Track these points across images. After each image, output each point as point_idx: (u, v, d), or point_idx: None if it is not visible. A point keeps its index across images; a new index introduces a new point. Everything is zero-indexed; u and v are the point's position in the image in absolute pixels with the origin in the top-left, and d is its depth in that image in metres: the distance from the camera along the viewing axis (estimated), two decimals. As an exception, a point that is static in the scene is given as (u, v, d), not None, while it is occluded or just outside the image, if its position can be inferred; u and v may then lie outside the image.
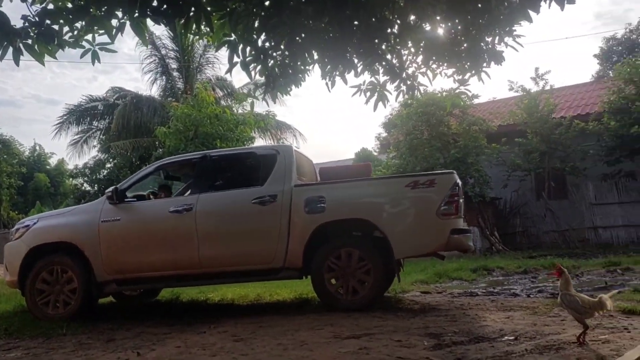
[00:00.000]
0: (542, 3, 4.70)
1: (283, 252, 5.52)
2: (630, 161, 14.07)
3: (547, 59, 67.43)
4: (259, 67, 5.62)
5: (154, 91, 21.95)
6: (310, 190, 5.72)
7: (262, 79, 5.84)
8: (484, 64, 6.02)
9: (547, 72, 18.24)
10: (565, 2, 4.32)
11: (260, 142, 17.66)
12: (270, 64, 5.79)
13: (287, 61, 5.85)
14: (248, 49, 5.31)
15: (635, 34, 28.98)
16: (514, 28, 5.65)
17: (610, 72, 20.14)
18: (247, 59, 5.28)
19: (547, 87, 16.03)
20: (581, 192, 14.64)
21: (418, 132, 15.14)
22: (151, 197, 6.56)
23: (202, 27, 4.53)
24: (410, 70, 6.30)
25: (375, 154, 23.44)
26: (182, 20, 4.35)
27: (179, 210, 5.73)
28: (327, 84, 5.95)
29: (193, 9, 4.22)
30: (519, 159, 15.11)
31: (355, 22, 5.37)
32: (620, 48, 28.61)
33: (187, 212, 5.70)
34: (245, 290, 7.34)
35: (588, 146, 14.55)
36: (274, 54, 5.65)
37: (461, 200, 5.60)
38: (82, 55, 4.46)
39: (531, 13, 5.08)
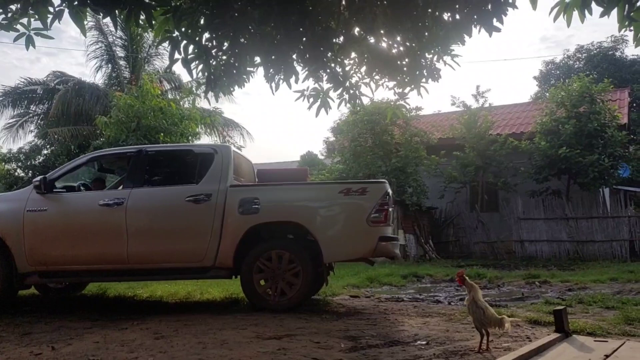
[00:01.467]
0: (473, 28, 4.98)
1: (214, 251, 5.55)
2: (557, 180, 14.99)
3: (493, 76, 70.35)
4: (201, 66, 5.62)
5: (99, 79, 21.20)
6: (246, 191, 5.77)
7: (204, 77, 5.85)
8: (423, 80, 6.29)
9: (488, 90, 19.21)
10: (493, 30, 4.60)
11: (205, 138, 17.46)
12: (213, 63, 5.80)
13: (231, 61, 5.89)
14: (191, 46, 5.29)
15: (572, 60, 30.82)
16: (452, 48, 5.95)
17: (546, 94, 21.34)
18: (189, 57, 5.26)
19: (487, 105, 16.82)
20: (511, 206, 15.42)
21: (362, 139, 15.49)
22: (82, 188, 6.40)
23: (143, 21, 4.50)
24: (353, 80, 6.48)
25: (322, 157, 23.73)
26: (124, 13, 4.30)
27: (109, 204, 5.64)
28: (270, 86, 6.03)
29: (134, 2, 4.19)
30: (455, 171, 15.75)
31: (301, 29, 5.47)
32: (558, 72, 30.35)
33: (118, 207, 5.61)
34: (176, 288, 7.28)
35: (520, 163, 15.37)
36: (218, 53, 5.68)
37: (391, 209, 5.82)
38: (15, 39, 4.32)
39: (465, 36, 5.37)
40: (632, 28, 4.23)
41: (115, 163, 6.83)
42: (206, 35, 5.31)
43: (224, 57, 5.84)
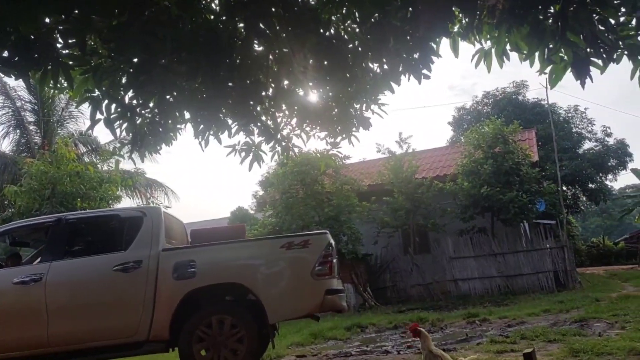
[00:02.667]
0: (403, 77, 5.12)
1: (147, 323, 5.09)
2: (482, 218, 15.61)
3: (411, 124, 74.11)
4: (125, 125, 5.33)
5: (5, 146, 19.85)
6: (180, 255, 5.41)
7: (129, 136, 5.55)
8: (354, 129, 6.36)
9: (410, 136, 20.01)
10: (422, 77, 4.74)
11: (127, 201, 16.63)
12: (138, 122, 5.53)
13: (157, 119, 5.64)
14: (114, 105, 5.02)
15: (481, 105, 33.09)
16: (379, 97, 6.09)
17: (462, 138, 22.59)
18: (112, 116, 4.98)
19: (410, 150, 17.42)
20: (442, 246, 15.79)
21: (294, 190, 15.40)
22: (-8, 266, 5.73)
23: (61, 81, 4.20)
24: (285, 132, 6.43)
25: (252, 212, 23.32)
26: (38, 74, 3.99)
27: (25, 281, 5.05)
28: (200, 143, 5.82)
29: (50, 62, 3.90)
30: (387, 216, 15.99)
31: (230, 84, 5.37)
32: (469, 117, 32.36)
33: (35, 283, 5.04)
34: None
35: (446, 204, 15.89)
36: (143, 111, 5.43)
37: (335, 260, 5.67)
38: None
39: (393, 84, 5.51)
40: (546, 71, 4.52)
41: (31, 235, 6.20)
42: (130, 93, 5.07)
43: (150, 115, 5.60)
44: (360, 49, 5.35)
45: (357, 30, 5.28)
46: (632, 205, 28.16)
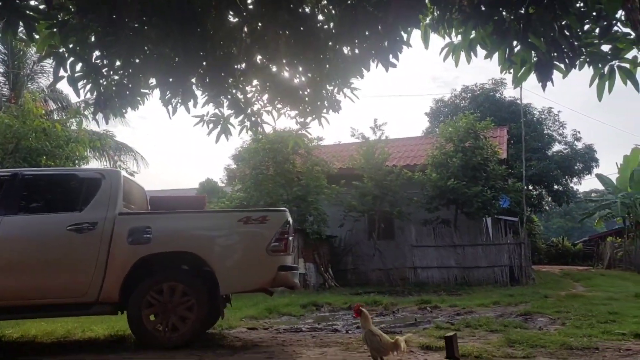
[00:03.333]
0: (372, 63, 5.17)
1: (98, 285, 5.10)
2: (446, 210, 15.94)
3: (389, 111, 74.39)
4: (89, 85, 5.26)
5: (-28, 97, 19.18)
6: (136, 220, 5.42)
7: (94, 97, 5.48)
8: (324, 110, 6.40)
9: (384, 123, 20.17)
10: (389, 65, 4.81)
11: (95, 163, 16.33)
12: (103, 83, 5.46)
13: (124, 82, 5.58)
14: (79, 64, 4.95)
15: (459, 99, 33.43)
16: (351, 81, 6.13)
17: (437, 129, 22.86)
18: (77, 75, 4.91)
19: (384, 137, 17.56)
20: (405, 234, 16.09)
21: (264, 167, 15.42)
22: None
23: (22, 34, 4.11)
24: (255, 107, 6.43)
25: (222, 185, 23.24)
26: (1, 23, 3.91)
27: (-26, 234, 4.99)
28: (167, 110, 5.79)
29: (11, 13, 3.81)
30: (354, 200, 16.16)
31: (201, 53, 5.34)
32: (446, 109, 32.69)
33: (-14, 236, 4.98)
34: (53, 326, 6.58)
35: (413, 194, 16.15)
36: (109, 72, 5.36)
37: (291, 238, 5.76)
38: None
39: (364, 70, 5.55)
40: (511, 70, 4.63)
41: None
42: (97, 53, 5.00)
43: (116, 77, 5.53)
44: (334, 31, 5.37)
45: (333, 12, 5.29)
46: (593, 210, 29.10)
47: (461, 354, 4.48)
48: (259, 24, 5.42)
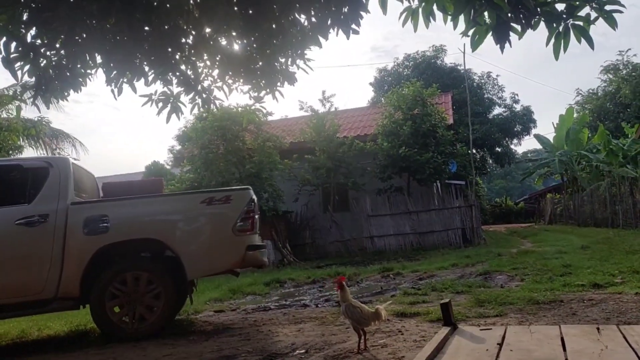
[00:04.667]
0: (331, 31, 5.01)
1: (55, 280, 4.79)
2: (399, 178, 16.17)
3: (334, 83, 74.32)
4: (27, 67, 4.84)
5: None
6: (91, 209, 5.09)
7: (32, 80, 5.05)
8: (278, 83, 6.20)
9: (333, 95, 20.09)
10: (351, 32, 4.67)
11: (30, 151, 15.35)
12: (42, 64, 5.03)
13: (64, 62, 5.17)
14: (14, 44, 4.53)
15: (401, 67, 33.77)
16: (305, 52, 5.95)
17: (382, 99, 23.00)
18: (12, 56, 4.49)
19: (333, 109, 17.49)
20: (360, 205, 16.24)
21: (214, 146, 15.01)
22: None
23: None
24: (206, 83, 6.14)
25: (168, 167, 22.51)
26: None
27: None
28: (112, 90, 5.43)
29: None
30: (308, 174, 16.11)
31: (147, 27, 5.01)
32: (390, 79, 32.97)
33: None
34: (5, 327, 6.18)
35: (366, 164, 16.26)
36: (48, 52, 4.94)
37: (257, 216, 5.61)
38: None
39: (321, 39, 5.39)
40: (469, 34, 4.61)
41: None
42: (33, 31, 4.59)
43: (57, 57, 5.12)
44: (288, -1, 5.15)
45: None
46: (532, 169, 30.47)
47: (437, 318, 4.55)
48: (209, -6, 5.12)
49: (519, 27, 4.58)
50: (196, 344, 4.54)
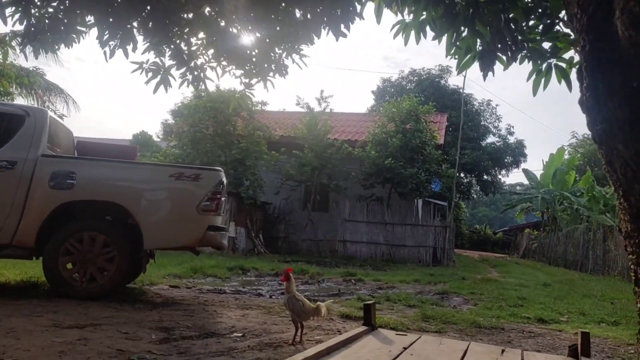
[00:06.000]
0: (323, 31, 5.10)
1: (13, 227, 4.83)
2: (381, 188, 16.30)
3: (338, 84, 74.50)
4: (19, 14, 4.88)
5: None
6: (60, 163, 5.13)
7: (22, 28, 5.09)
8: (270, 73, 6.27)
9: (330, 96, 20.14)
10: (340, 35, 4.77)
11: (20, 100, 15.25)
12: (35, 14, 5.07)
13: (59, 16, 5.21)
14: (9, -11, 4.58)
15: (405, 81, 33.97)
16: (301, 47, 6.03)
17: (381, 108, 23.13)
18: (4, 0, 4.54)
19: (328, 110, 17.58)
20: (339, 208, 16.34)
21: (203, 126, 15.04)
22: None
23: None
24: (199, 61, 6.20)
25: (158, 139, 22.47)
26: None
27: None
28: (104, 52, 5.47)
29: None
30: (293, 169, 16.17)
31: (147, -4, 5.06)
32: (392, 90, 33.16)
33: None
34: (-41, 268, 6.20)
35: (351, 169, 16.37)
36: (43, 3, 4.98)
37: (223, 199, 5.67)
38: None
39: (315, 37, 5.48)
40: (456, 56, 4.73)
41: None
42: (30, -22, 4.64)
43: (50, 10, 5.16)
44: (289, -8, 5.25)
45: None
46: (516, 202, 30.76)
47: (379, 325, 4.63)
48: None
49: (504, 58, 4.71)
50: (139, 312, 4.60)
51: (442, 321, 5.44)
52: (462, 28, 4.03)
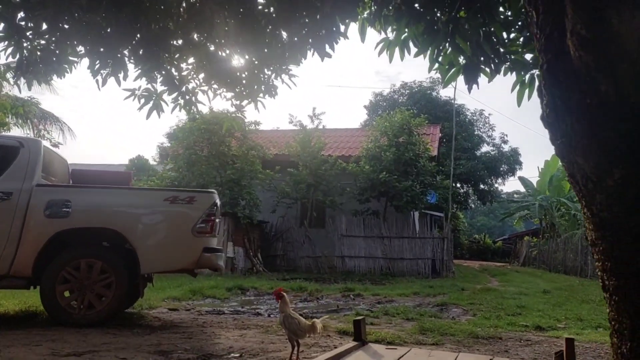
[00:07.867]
0: (309, 52, 5.22)
1: (10, 258, 4.87)
2: (377, 202, 16.37)
3: (330, 101, 75.00)
4: (11, 48, 4.98)
5: None
6: (55, 192, 5.19)
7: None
8: (260, 94, 6.38)
9: (323, 112, 20.31)
10: (325, 55, 4.87)
11: (17, 131, 15.34)
12: (27, 47, 5.18)
13: (51, 47, 5.31)
14: (2, 25, 4.70)
15: (397, 94, 34.23)
16: (289, 67, 6.14)
17: (374, 122, 23.30)
18: (-1, 35, 4.64)
19: (321, 127, 17.72)
20: (336, 223, 16.38)
21: (198, 148, 15.14)
22: None
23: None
24: (190, 86, 6.30)
25: (154, 163, 22.57)
26: None
27: None
28: (96, 81, 5.57)
29: None
30: (288, 187, 16.25)
31: (137, 25, 5.18)
32: (384, 104, 33.38)
33: None
34: (-43, 300, 6.21)
35: (346, 184, 16.46)
36: (34, 36, 5.09)
37: (217, 220, 5.73)
38: None
39: (301, 58, 5.59)
40: (440, 72, 4.84)
41: None
42: (21, 14, 4.76)
43: (42, 42, 5.27)
44: (274, 15, 5.37)
45: (275, -4, 5.27)
46: (514, 210, 30.88)
47: (375, 339, 4.68)
48: (198, 0, 5.33)
49: (488, 70, 4.82)
50: (137, 337, 4.62)
51: (440, 333, 5.47)
52: (444, 43, 4.14)
